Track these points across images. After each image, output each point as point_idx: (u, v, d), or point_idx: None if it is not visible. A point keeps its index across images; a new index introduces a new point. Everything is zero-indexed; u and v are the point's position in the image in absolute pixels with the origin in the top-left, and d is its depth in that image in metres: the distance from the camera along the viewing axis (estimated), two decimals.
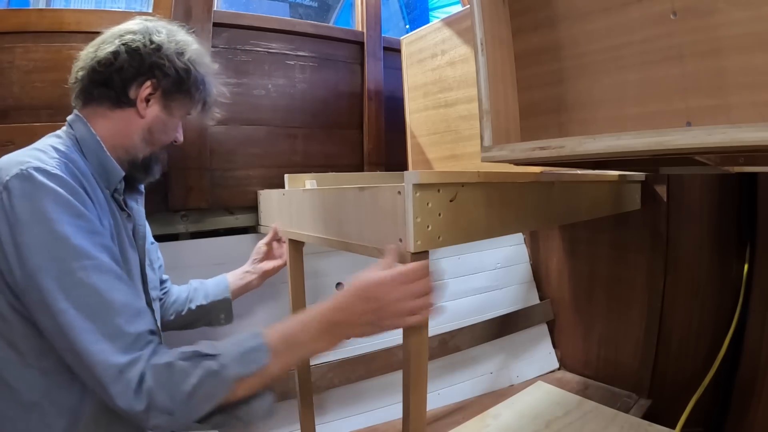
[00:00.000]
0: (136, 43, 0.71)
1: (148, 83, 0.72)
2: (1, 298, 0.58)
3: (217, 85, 0.84)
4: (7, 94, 1.00)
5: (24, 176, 0.57)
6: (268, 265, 1.06)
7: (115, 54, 0.70)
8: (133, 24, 0.74)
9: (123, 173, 0.73)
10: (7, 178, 0.57)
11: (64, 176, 0.60)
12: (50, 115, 1.03)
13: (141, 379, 0.54)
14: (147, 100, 0.73)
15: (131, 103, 0.72)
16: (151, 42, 0.72)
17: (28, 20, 1.02)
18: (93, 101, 0.72)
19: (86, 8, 2.38)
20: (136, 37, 0.71)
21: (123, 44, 0.70)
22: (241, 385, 0.58)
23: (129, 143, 0.74)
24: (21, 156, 0.61)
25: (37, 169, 0.58)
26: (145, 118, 0.74)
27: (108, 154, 0.71)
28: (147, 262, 0.81)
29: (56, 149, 0.65)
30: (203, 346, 0.60)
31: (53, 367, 0.59)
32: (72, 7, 2.59)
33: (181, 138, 0.83)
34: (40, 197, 0.57)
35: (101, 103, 0.72)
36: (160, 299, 0.94)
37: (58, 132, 0.71)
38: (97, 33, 1.08)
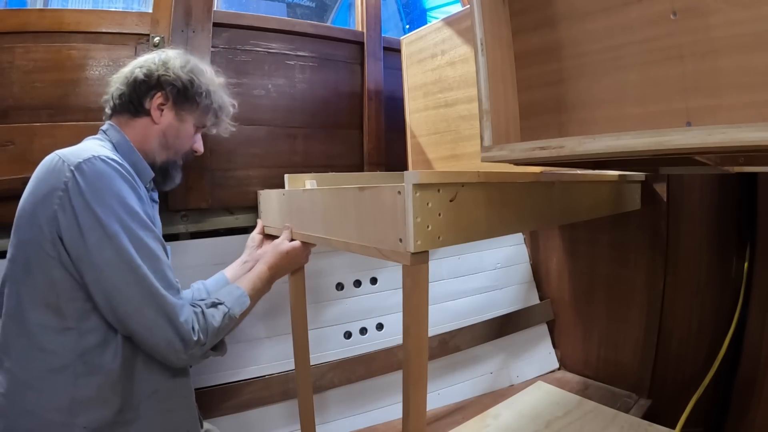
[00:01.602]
0: (149, 63, 0.86)
1: (159, 94, 0.85)
2: (56, 263, 0.67)
3: (225, 96, 0.96)
4: (7, 94, 1.00)
5: (95, 161, 0.70)
6: (265, 250, 1.07)
7: (132, 72, 0.85)
8: (150, 53, 0.90)
9: (152, 174, 0.86)
10: (78, 161, 0.69)
11: (125, 165, 0.75)
12: (50, 115, 1.03)
13: (192, 319, 0.74)
14: (160, 109, 0.86)
15: (147, 113, 0.85)
16: (160, 60, 0.87)
17: (28, 20, 1.02)
18: (116, 112, 0.86)
19: (85, 8, 2.38)
20: (149, 58, 0.88)
21: (139, 66, 0.86)
22: (238, 320, 0.84)
23: (147, 147, 0.86)
24: (81, 148, 0.73)
25: (105, 157, 0.71)
26: (160, 125, 0.86)
27: (139, 155, 0.84)
28: None
29: (105, 148, 0.77)
30: (213, 296, 0.83)
31: (92, 327, 0.70)
32: (70, 7, 2.59)
33: (201, 148, 0.95)
34: (111, 177, 0.70)
35: (122, 113, 0.85)
36: None
37: (97, 136, 0.84)
38: (97, 33, 1.11)
